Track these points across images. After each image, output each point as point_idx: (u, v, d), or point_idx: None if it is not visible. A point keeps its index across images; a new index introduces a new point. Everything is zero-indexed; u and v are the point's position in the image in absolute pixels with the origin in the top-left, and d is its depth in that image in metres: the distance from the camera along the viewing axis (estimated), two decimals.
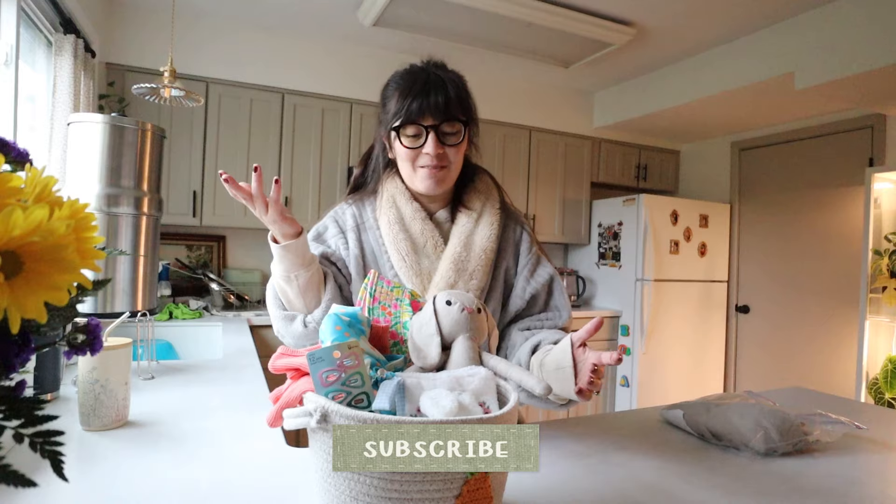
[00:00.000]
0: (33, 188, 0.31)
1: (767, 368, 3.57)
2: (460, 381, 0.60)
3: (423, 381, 0.58)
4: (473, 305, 0.69)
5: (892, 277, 2.57)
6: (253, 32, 2.96)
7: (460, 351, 0.67)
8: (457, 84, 0.95)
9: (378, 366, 0.64)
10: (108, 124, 1.26)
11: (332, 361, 0.55)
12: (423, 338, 0.68)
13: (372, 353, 0.65)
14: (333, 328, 0.65)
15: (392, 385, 0.56)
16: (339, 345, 0.56)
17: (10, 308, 0.26)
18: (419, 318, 0.71)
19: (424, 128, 0.92)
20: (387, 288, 0.78)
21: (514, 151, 3.58)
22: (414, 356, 0.68)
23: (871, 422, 1.11)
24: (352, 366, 0.56)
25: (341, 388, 0.55)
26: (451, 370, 0.64)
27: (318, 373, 0.55)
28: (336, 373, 0.55)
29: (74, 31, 1.98)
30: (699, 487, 0.78)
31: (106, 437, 0.93)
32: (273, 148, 2.97)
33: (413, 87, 0.92)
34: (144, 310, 1.33)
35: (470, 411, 0.55)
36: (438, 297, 0.70)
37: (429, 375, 0.60)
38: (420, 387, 0.58)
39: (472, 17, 2.57)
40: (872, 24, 2.30)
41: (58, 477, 0.31)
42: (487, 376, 0.61)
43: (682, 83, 3.21)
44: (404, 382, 0.57)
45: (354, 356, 0.57)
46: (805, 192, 3.39)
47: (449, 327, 0.68)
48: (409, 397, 0.56)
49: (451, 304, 0.68)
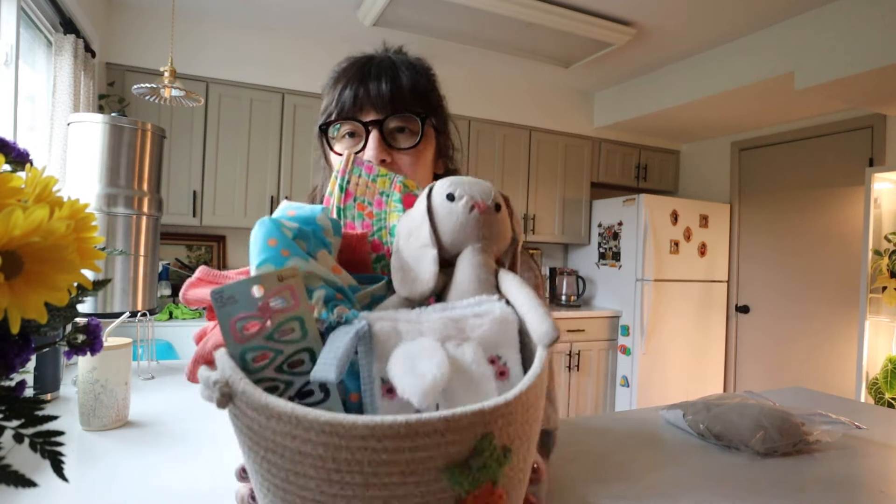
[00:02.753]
0: (33, 188, 0.31)
1: (767, 368, 3.57)
2: (460, 323, 0.39)
3: (402, 325, 0.38)
4: (489, 199, 0.46)
5: (892, 277, 2.57)
6: (253, 32, 2.96)
7: (466, 271, 0.45)
8: (414, 68, 0.70)
9: (340, 299, 0.42)
10: (108, 124, 1.26)
11: (251, 303, 0.35)
12: (412, 251, 0.46)
13: (329, 279, 0.42)
14: (264, 243, 0.41)
15: (347, 336, 0.35)
16: (262, 275, 0.36)
17: (10, 308, 0.26)
18: (406, 221, 0.49)
19: (364, 125, 0.66)
20: (367, 176, 0.56)
21: (514, 151, 3.58)
22: (397, 280, 0.46)
23: (871, 422, 1.11)
24: (283, 308, 0.36)
25: (265, 344, 0.36)
26: (449, 303, 0.43)
27: (229, 321, 0.35)
28: (258, 320, 0.36)
29: (74, 31, 1.98)
30: (699, 487, 0.77)
31: (106, 437, 0.93)
32: (273, 148, 2.97)
33: (348, 72, 0.68)
34: (144, 310, 1.33)
35: (471, 376, 0.36)
36: (437, 188, 0.47)
37: (413, 315, 0.40)
38: (396, 335, 0.38)
39: (472, 17, 2.57)
40: (872, 24, 2.30)
41: (58, 477, 0.31)
42: (504, 314, 0.40)
43: (682, 83, 3.21)
44: (370, 329, 0.37)
45: (290, 292, 0.36)
46: (805, 192, 3.39)
47: (451, 234, 0.45)
48: (378, 354, 0.37)
49: (455, 197, 0.46)
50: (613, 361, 3.54)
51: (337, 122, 0.67)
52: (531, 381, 0.34)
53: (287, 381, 0.37)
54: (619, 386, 3.53)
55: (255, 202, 2.94)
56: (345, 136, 0.68)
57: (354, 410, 0.37)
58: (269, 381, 0.36)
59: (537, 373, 0.35)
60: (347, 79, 0.67)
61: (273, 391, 0.36)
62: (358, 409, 0.37)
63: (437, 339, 0.37)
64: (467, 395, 0.35)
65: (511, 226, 0.49)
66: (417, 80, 0.69)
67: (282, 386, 0.37)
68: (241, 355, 0.36)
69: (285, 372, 0.37)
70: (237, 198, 2.90)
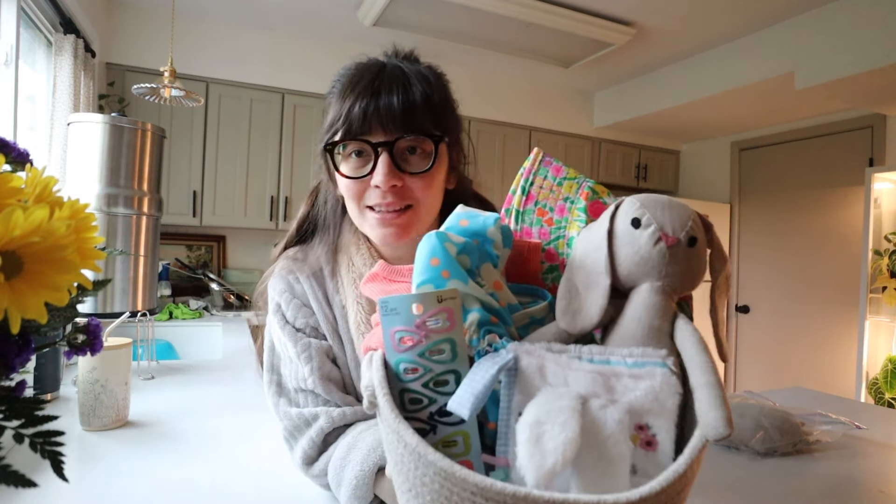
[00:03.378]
0: (33, 188, 0.31)
1: (767, 368, 3.57)
2: (612, 381, 0.35)
3: (550, 366, 0.35)
4: (682, 231, 0.39)
5: (892, 277, 2.57)
6: (253, 32, 2.96)
7: (637, 312, 0.39)
8: (427, 81, 0.64)
9: (495, 322, 0.40)
10: (108, 124, 1.26)
11: (409, 319, 0.37)
12: (584, 276, 0.41)
13: (486, 301, 0.40)
14: (427, 262, 0.40)
15: (489, 372, 0.34)
16: (423, 294, 0.37)
17: (10, 308, 0.26)
18: (585, 239, 0.43)
19: (372, 146, 0.60)
20: (553, 179, 0.51)
21: (514, 151, 3.58)
22: (560, 307, 0.41)
23: (871, 422, 1.11)
24: (438, 329, 0.37)
25: (417, 360, 0.38)
26: (607, 348, 0.37)
27: (389, 330, 0.38)
28: (413, 336, 0.37)
29: (74, 31, 1.98)
30: (699, 487, 0.77)
31: (106, 437, 0.93)
32: (273, 148, 2.97)
33: (357, 85, 0.62)
34: (144, 310, 1.33)
35: (606, 451, 0.31)
36: (624, 208, 0.41)
37: (563, 358, 0.35)
38: (541, 376, 0.35)
39: (472, 17, 2.57)
40: (872, 24, 2.30)
41: (58, 477, 0.31)
42: (665, 385, 0.34)
43: (682, 83, 3.21)
44: (517, 363, 0.35)
45: (447, 314, 0.37)
46: (805, 192, 3.39)
47: (629, 265, 0.39)
48: (520, 388, 0.35)
49: (642, 224, 0.39)
50: None
51: (344, 142, 0.62)
52: (669, 479, 0.29)
53: (431, 398, 0.39)
54: None
55: (255, 202, 2.94)
56: (351, 154, 0.63)
57: (491, 438, 0.38)
58: (415, 394, 0.39)
59: (681, 470, 0.29)
60: (356, 92, 0.61)
61: (417, 403, 0.39)
62: (494, 437, 0.37)
63: (582, 393, 0.33)
64: (595, 470, 0.31)
65: (711, 262, 0.42)
66: (431, 93, 0.63)
67: (425, 401, 0.39)
68: (396, 364, 0.38)
69: (430, 389, 0.38)
70: (237, 198, 2.90)
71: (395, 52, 0.69)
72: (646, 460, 0.34)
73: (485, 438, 0.39)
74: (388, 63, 0.65)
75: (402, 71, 0.63)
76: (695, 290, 0.43)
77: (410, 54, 0.69)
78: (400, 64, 0.65)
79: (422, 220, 0.65)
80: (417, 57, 0.69)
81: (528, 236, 0.49)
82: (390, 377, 0.38)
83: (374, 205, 0.63)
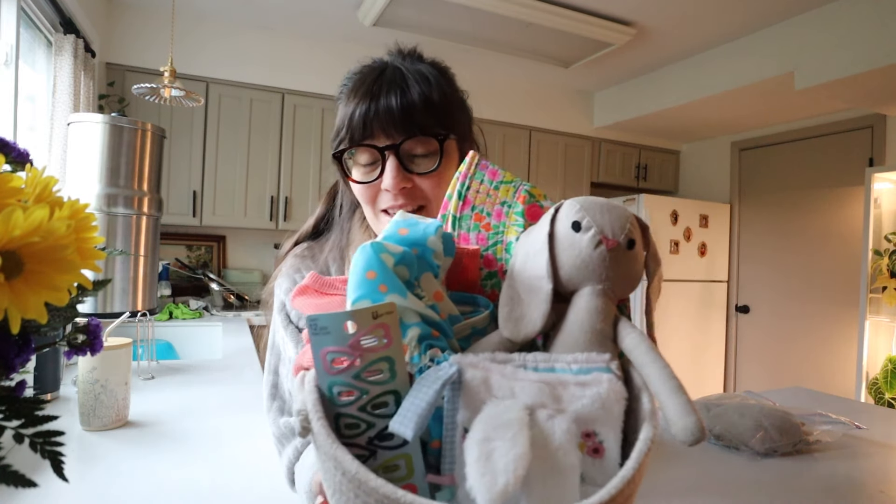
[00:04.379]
0: (33, 188, 0.31)
1: (767, 368, 3.57)
2: (558, 389, 0.34)
3: (495, 378, 0.34)
4: (621, 234, 0.39)
5: (892, 277, 2.57)
6: (253, 32, 2.96)
7: (579, 316, 0.39)
8: (426, 80, 0.63)
9: (436, 336, 0.38)
10: (108, 124, 1.26)
11: (342, 338, 0.34)
12: (525, 280, 0.41)
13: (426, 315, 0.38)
14: (362, 276, 0.38)
15: (432, 388, 0.32)
16: (356, 311, 0.34)
17: (10, 308, 0.26)
18: (525, 243, 0.43)
19: (379, 150, 0.61)
20: (489, 183, 0.50)
21: (514, 151, 3.58)
22: (503, 315, 0.40)
23: (871, 422, 1.11)
24: (374, 347, 0.34)
25: (352, 382, 0.35)
26: (552, 356, 0.37)
27: (320, 350, 0.34)
28: (347, 357, 0.34)
29: (74, 31, 1.98)
30: (699, 487, 0.77)
31: (106, 437, 0.93)
32: (273, 148, 2.97)
33: (359, 90, 0.62)
34: (144, 310, 1.33)
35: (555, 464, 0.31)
36: (563, 211, 0.41)
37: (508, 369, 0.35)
38: (487, 389, 0.34)
39: (472, 17, 2.57)
40: (872, 23, 2.30)
41: (58, 477, 0.31)
42: (611, 392, 0.34)
43: (682, 83, 3.21)
44: (461, 376, 0.34)
45: (384, 330, 0.34)
46: (805, 192, 3.39)
47: (570, 269, 0.39)
48: (465, 403, 0.34)
49: (582, 227, 0.39)
50: None
51: (350, 148, 0.62)
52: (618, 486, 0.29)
53: (369, 422, 0.36)
54: None
55: (255, 202, 2.94)
56: (361, 159, 0.63)
57: (435, 457, 0.36)
58: (352, 418, 0.36)
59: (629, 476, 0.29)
60: (357, 97, 0.61)
61: (354, 427, 0.36)
62: (438, 455, 0.36)
63: (529, 403, 0.33)
64: (545, 483, 0.31)
65: (646, 263, 0.42)
66: (429, 92, 0.62)
67: (363, 426, 0.36)
68: (329, 387, 0.35)
69: (368, 413, 0.36)
70: (237, 198, 2.90)
71: (398, 51, 0.68)
72: (593, 468, 0.33)
73: (428, 457, 0.36)
74: (390, 64, 0.65)
75: (400, 72, 0.63)
76: (633, 292, 0.42)
77: (413, 52, 0.68)
78: (400, 65, 0.64)
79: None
80: (420, 54, 0.68)
81: (466, 242, 0.48)
82: (324, 401, 0.35)
83: (388, 208, 0.63)
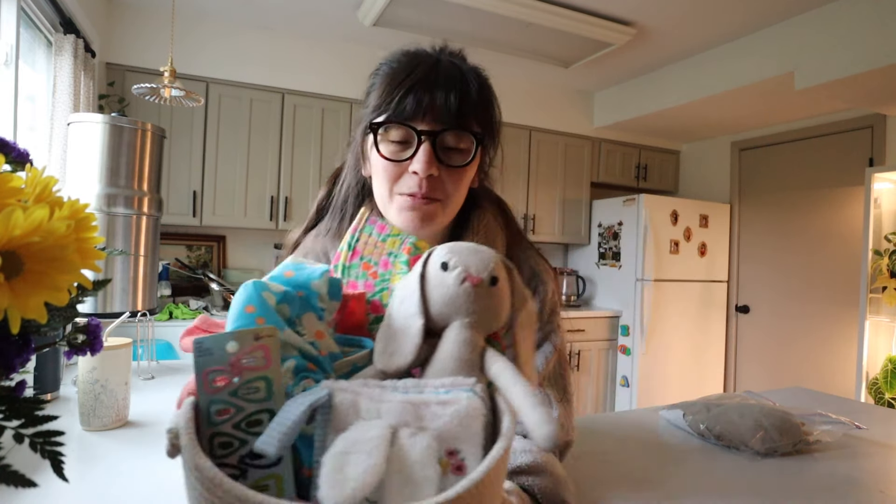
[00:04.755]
0: (33, 188, 0.31)
1: (767, 368, 3.57)
2: (421, 409, 0.36)
3: (364, 401, 0.36)
4: (485, 272, 0.43)
5: (892, 277, 2.57)
6: (253, 32, 2.96)
7: (448, 347, 0.43)
8: (481, 81, 0.67)
9: (313, 369, 0.42)
10: (108, 124, 1.26)
11: (224, 357, 0.36)
12: (401, 319, 0.45)
13: (304, 349, 0.42)
14: (241, 309, 0.41)
15: (299, 408, 0.34)
16: (238, 332, 0.37)
17: (10, 308, 0.26)
18: (402, 286, 0.47)
19: (417, 133, 0.61)
20: (377, 236, 0.55)
21: (514, 151, 3.58)
22: (378, 350, 0.44)
23: (871, 422, 1.11)
24: (254, 367, 0.37)
25: (229, 399, 0.36)
26: (421, 381, 0.40)
27: (202, 371, 0.36)
28: (227, 375, 0.36)
29: (74, 31, 1.98)
30: (699, 487, 0.78)
31: (106, 437, 0.93)
32: (273, 148, 2.97)
33: (413, 74, 0.63)
34: (144, 310, 1.33)
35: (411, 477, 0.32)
36: (434, 255, 0.45)
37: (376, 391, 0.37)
38: (355, 411, 0.35)
39: (472, 17, 2.57)
40: (872, 24, 2.30)
41: (58, 477, 0.31)
42: (470, 409, 0.36)
43: (682, 83, 3.21)
44: (331, 399, 0.35)
45: (264, 352, 0.37)
46: (805, 192, 3.39)
47: (440, 305, 0.43)
48: (335, 427, 0.35)
49: (448, 267, 0.43)
50: (613, 361, 3.54)
51: (391, 125, 0.62)
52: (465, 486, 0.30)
53: (242, 439, 0.37)
54: (619, 386, 3.53)
55: (255, 202, 2.94)
56: (393, 138, 0.63)
57: (306, 485, 0.37)
58: (226, 437, 0.37)
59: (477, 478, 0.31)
60: (413, 81, 0.62)
61: (227, 447, 0.37)
62: (309, 483, 0.36)
63: (393, 423, 0.35)
64: (401, 497, 0.32)
65: (511, 302, 0.45)
66: (483, 93, 0.66)
67: (236, 443, 0.37)
68: (208, 406, 0.36)
69: (242, 430, 0.37)
70: (237, 198, 2.90)
71: (442, 48, 0.69)
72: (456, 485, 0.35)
73: (303, 487, 0.37)
74: (442, 58, 0.66)
75: (458, 68, 0.65)
76: (500, 326, 0.46)
77: (459, 52, 0.70)
78: (454, 61, 0.67)
79: (446, 216, 0.66)
80: (465, 56, 0.70)
81: (354, 289, 0.51)
82: (200, 421, 0.36)
83: (407, 191, 0.63)
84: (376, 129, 0.63)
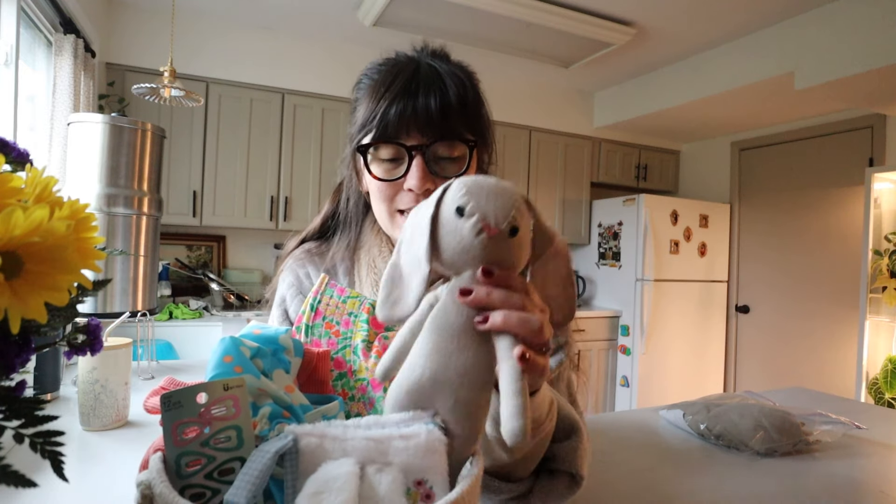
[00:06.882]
0: (33, 188, 0.31)
1: (767, 368, 3.57)
2: (384, 445, 0.36)
3: (328, 442, 0.36)
4: (504, 221, 0.38)
5: (892, 277, 2.57)
6: (253, 32, 2.96)
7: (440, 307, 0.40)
8: (462, 82, 0.63)
9: (287, 416, 0.43)
10: (108, 124, 1.26)
11: (194, 409, 0.37)
12: (407, 260, 0.42)
13: (278, 397, 0.43)
14: (220, 359, 0.44)
15: (266, 456, 0.34)
16: (208, 383, 0.38)
17: (10, 308, 0.26)
18: (412, 222, 0.43)
19: (406, 149, 0.59)
20: (338, 298, 0.58)
21: (514, 151, 3.58)
22: (381, 297, 0.42)
23: (871, 422, 1.11)
24: (224, 416, 0.37)
25: (200, 450, 0.37)
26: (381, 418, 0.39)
27: (171, 424, 0.37)
28: (197, 426, 0.37)
29: (74, 31, 1.98)
30: (699, 487, 0.77)
31: (106, 437, 0.93)
32: (273, 148, 2.97)
33: (392, 85, 0.60)
34: (144, 310, 1.33)
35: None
36: (450, 193, 0.40)
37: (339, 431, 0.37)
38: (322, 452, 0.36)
39: (472, 17, 2.57)
40: (872, 24, 2.30)
41: (58, 477, 0.31)
42: (430, 441, 0.37)
43: (683, 83, 3.21)
44: (297, 444, 0.36)
45: (233, 401, 0.37)
46: (805, 192, 3.39)
47: (451, 253, 0.39)
48: (302, 470, 0.35)
49: (465, 213, 0.38)
50: (613, 361, 3.54)
51: (377, 144, 0.60)
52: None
53: (214, 489, 0.38)
54: (619, 386, 3.53)
55: (255, 202, 2.94)
56: (384, 157, 0.61)
57: None
58: (198, 488, 0.37)
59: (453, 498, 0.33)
60: (393, 93, 0.59)
61: (200, 498, 0.37)
62: None
63: (359, 461, 0.35)
64: None
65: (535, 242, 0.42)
66: (465, 94, 0.62)
67: (209, 493, 0.38)
68: (177, 459, 0.37)
69: (215, 479, 0.37)
70: (237, 198, 2.90)
71: (423, 48, 0.67)
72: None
73: None
74: (422, 62, 0.63)
75: (436, 72, 0.62)
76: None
77: (442, 51, 0.67)
78: (433, 63, 0.63)
79: None
80: (448, 54, 0.67)
81: (318, 347, 0.53)
82: (170, 475, 0.36)
83: (406, 209, 0.61)
84: (365, 152, 0.62)
